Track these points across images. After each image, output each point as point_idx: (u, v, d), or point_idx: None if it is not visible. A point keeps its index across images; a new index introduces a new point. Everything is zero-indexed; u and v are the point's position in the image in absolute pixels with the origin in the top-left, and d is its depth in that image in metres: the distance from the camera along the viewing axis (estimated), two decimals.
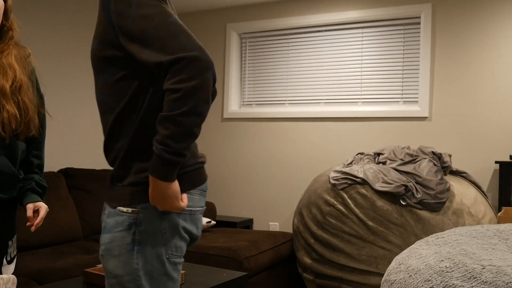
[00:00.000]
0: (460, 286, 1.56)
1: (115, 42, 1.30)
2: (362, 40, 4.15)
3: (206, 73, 1.20)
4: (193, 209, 1.38)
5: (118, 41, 1.29)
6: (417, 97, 3.95)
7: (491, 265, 1.62)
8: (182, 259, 1.39)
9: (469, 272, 1.60)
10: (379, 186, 3.12)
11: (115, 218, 1.34)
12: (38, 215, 1.78)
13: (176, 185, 1.28)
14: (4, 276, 2.27)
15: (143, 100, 1.31)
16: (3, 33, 1.88)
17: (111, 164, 1.39)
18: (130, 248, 1.31)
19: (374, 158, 3.58)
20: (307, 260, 3.33)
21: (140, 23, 1.24)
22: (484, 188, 3.65)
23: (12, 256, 1.85)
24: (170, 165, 1.23)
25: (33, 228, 1.75)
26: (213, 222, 3.92)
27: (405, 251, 1.99)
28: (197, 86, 1.19)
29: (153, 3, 1.25)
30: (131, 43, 1.26)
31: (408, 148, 3.53)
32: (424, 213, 3.06)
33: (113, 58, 1.32)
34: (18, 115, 1.71)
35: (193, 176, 1.37)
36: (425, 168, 3.23)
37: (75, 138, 4.02)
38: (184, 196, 1.33)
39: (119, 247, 1.32)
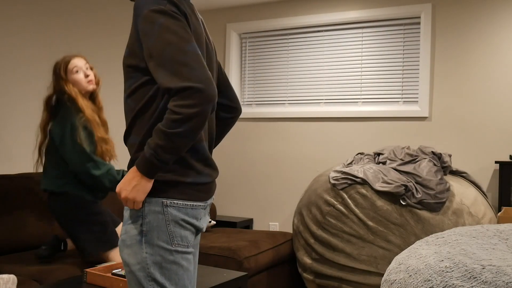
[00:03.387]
0: (460, 286, 1.56)
1: (140, 54, 1.47)
2: (362, 40, 4.15)
3: (206, 104, 1.37)
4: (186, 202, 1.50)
5: (142, 54, 1.47)
6: (417, 97, 3.95)
7: (491, 265, 1.62)
8: (191, 249, 1.51)
9: (469, 272, 1.60)
10: (379, 186, 3.12)
11: (128, 212, 1.50)
12: None
13: (151, 183, 1.44)
14: (4, 276, 2.27)
15: (158, 103, 1.48)
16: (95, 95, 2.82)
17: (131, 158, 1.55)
18: (139, 239, 1.46)
19: (374, 158, 3.58)
20: (307, 260, 3.33)
21: (160, 45, 1.40)
22: (484, 188, 3.65)
23: None
24: (154, 168, 1.41)
25: None
26: (213, 222, 3.92)
27: (405, 251, 1.99)
28: (195, 114, 1.36)
29: (174, 29, 1.40)
30: (150, 60, 1.43)
31: (408, 148, 3.53)
32: (424, 213, 3.06)
33: (137, 67, 1.49)
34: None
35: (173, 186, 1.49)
36: (425, 168, 3.23)
37: None
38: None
39: (130, 238, 1.48)
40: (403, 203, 3.08)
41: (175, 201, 1.47)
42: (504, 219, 3.08)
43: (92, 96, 2.87)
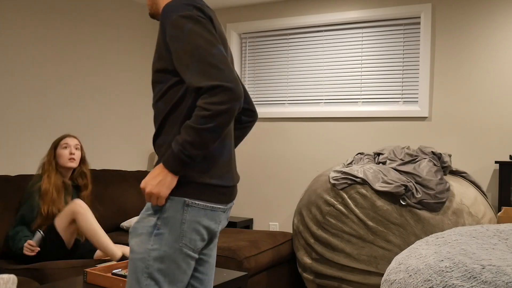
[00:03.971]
0: (460, 286, 1.56)
1: (168, 58, 1.54)
2: (362, 40, 4.15)
3: (234, 102, 1.44)
4: (209, 204, 1.54)
5: (170, 57, 1.54)
6: (417, 97, 3.95)
7: (490, 265, 1.62)
8: (196, 255, 1.54)
9: (469, 272, 1.60)
10: (379, 186, 3.12)
11: (148, 203, 1.55)
12: None
13: (175, 179, 1.48)
14: (4, 275, 2.27)
15: (186, 103, 1.54)
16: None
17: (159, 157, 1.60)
18: (150, 231, 1.50)
19: (374, 158, 3.58)
20: (307, 260, 3.33)
21: (189, 48, 1.47)
22: (484, 188, 3.65)
23: None
24: (181, 164, 1.45)
25: None
26: None
27: (405, 251, 1.99)
28: (224, 111, 1.42)
29: (201, 33, 1.47)
30: (179, 62, 1.49)
31: (408, 148, 3.53)
32: (424, 213, 3.06)
33: (166, 70, 1.56)
34: None
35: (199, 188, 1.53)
36: (425, 168, 3.23)
37: (80, 140, 4.02)
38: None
39: (142, 228, 1.52)
40: (403, 203, 3.08)
41: (196, 202, 1.50)
42: (504, 219, 3.08)
43: (74, 175, 3.20)
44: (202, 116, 1.42)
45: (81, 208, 2.83)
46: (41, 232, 2.82)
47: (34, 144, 3.67)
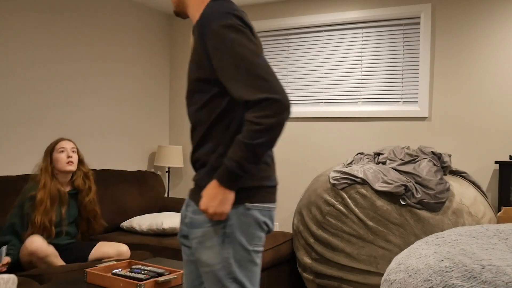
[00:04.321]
0: (459, 286, 1.56)
1: (209, 68, 1.54)
2: (362, 40, 4.15)
3: (283, 113, 1.45)
4: (265, 205, 1.60)
5: (212, 67, 1.53)
6: (417, 97, 3.95)
7: (490, 265, 1.62)
8: (262, 248, 1.61)
9: (469, 272, 1.60)
10: (379, 186, 3.12)
11: (201, 215, 1.56)
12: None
13: (233, 193, 1.52)
14: (4, 275, 2.27)
15: (232, 115, 1.56)
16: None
17: (198, 167, 1.63)
18: (221, 240, 1.54)
19: (374, 158, 3.58)
20: (307, 260, 3.33)
21: (233, 59, 1.47)
22: (484, 188, 3.65)
23: None
24: (237, 179, 1.49)
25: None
26: None
27: (405, 251, 1.99)
28: (275, 124, 1.44)
29: (244, 44, 1.47)
30: (223, 74, 1.49)
31: (408, 148, 3.53)
32: (424, 213, 3.06)
33: (207, 80, 1.56)
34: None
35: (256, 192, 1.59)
36: (424, 168, 3.23)
37: (80, 140, 4.02)
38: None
39: (211, 240, 1.54)
40: (403, 203, 3.08)
41: (256, 204, 1.56)
42: (503, 219, 3.08)
43: (74, 178, 3.12)
44: (253, 130, 1.44)
45: (36, 249, 2.74)
46: (4, 248, 2.77)
47: (34, 144, 3.67)
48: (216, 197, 1.50)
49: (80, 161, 3.14)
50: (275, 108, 1.43)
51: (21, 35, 3.59)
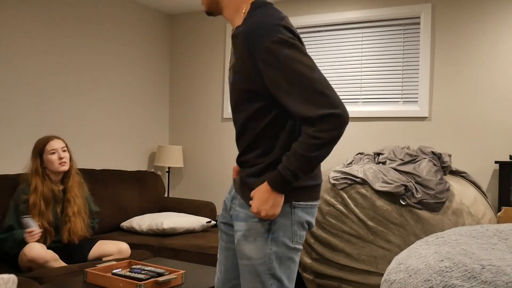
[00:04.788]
0: (459, 286, 1.56)
1: (259, 82, 1.56)
2: (362, 40, 4.15)
3: (343, 127, 1.49)
4: (309, 203, 1.65)
5: (262, 81, 1.55)
6: (417, 97, 3.95)
7: (490, 265, 1.62)
8: (301, 246, 1.67)
9: (469, 272, 1.60)
10: (379, 186, 3.12)
11: (243, 209, 1.64)
12: None
13: (283, 198, 1.57)
14: (4, 275, 2.27)
15: (282, 124, 1.60)
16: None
17: (244, 167, 1.68)
18: (265, 236, 1.59)
19: (374, 158, 3.58)
20: (307, 260, 3.33)
21: (289, 76, 1.48)
22: (484, 188, 3.65)
23: None
24: (290, 185, 1.55)
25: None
26: (213, 222, 3.93)
27: (405, 251, 1.99)
28: (333, 138, 1.48)
29: (298, 59, 1.49)
30: (276, 89, 1.52)
31: (408, 148, 3.53)
32: (424, 213, 3.06)
33: (256, 92, 1.58)
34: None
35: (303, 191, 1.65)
36: (424, 168, 3.23)
37: (80, 140, 4.02)
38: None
39: (255, 235, 1.60)
40: (403, 203, 3.08)
41: (300, 203, 1.61)
42: (504, 219, 3.08)
43: (66, 175, 3.09)
44: (312, 144, 1.48)
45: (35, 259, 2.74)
46: (27, 216, 2.81)
47: (32, 143, 3.67)
48: (268, 201, 1.55)
49: (70, 158, 3.10)
50: (336, 122, 1.47)
51: (21, 35, 3.59)
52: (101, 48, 4.21)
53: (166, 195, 4.80)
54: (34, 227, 2.79)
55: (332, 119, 1.46)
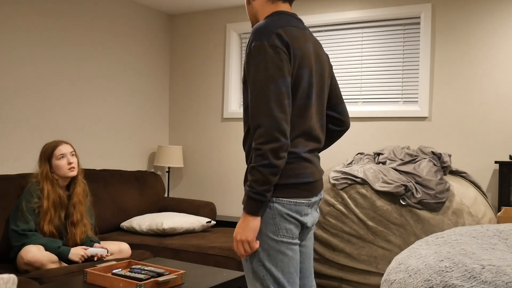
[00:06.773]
0: (459, 286, 1.56)
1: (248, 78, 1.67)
2: (362, 40, 4.15)
3: (272, 143, 1.56)
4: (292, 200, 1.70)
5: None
6: (417, 97, 3.95)
7: (490, 265, 1.62)
8: (297, 241, 1.71)
9: (469, 272, 1.60)
10: (379, 186, 3.12)
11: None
12: None
13: (258, 221, 1.63)
14: (4, 275, 2.27)
15: None
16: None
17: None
18: None
19: (374, 158, 3.58)
20: None
21: (252, 79, 1.61)
22: (484, 188, 3.65)
23: None
24: (255, 203, 1.60)
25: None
26: (213, 222, 3.93)
27: (405, 251, 1.99)
28: (269, 150, 1.55)
29: (266, 66, 1.58)
30: (248, 87, 1.66)
31: (408, 148, 3.53)
32: (424, 213, 3.06)
33: (246, 89, 1.71)
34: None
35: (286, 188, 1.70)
36: (425, 168, 3.23)
37: (80, 139, 4.02)
38: (257, 242, 1.67)
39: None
40: (403, 203, 3.08)
41: (280, 199, 1.66)
42: (504, 219, 3.08)
43: (72, 181, 3.08)
44: (256, 155, 1.58)
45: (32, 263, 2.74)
46: (105, 250, 2.93)
47: (34, 143, 3.67)
48: (241, 225, 1.64)
49: (78, 163, 3.10)
50: (265, 136, 1.55)
51: (21, 35, 3.59)
52: (101, 48, 4.21)
53: (166, 195, 4.80)
54: (102, 252, 2.91)
55: (262, 132, 1.56)
